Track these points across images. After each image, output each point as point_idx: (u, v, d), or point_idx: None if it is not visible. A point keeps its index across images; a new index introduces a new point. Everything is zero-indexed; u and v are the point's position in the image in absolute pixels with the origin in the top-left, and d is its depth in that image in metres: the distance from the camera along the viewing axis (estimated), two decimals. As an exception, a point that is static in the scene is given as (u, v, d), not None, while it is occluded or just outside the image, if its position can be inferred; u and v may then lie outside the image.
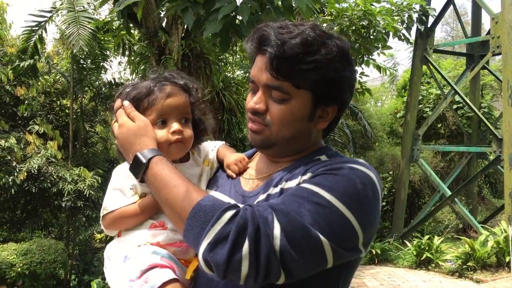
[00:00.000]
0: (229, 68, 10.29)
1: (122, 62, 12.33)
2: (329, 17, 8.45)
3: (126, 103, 1.27)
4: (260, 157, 1.37)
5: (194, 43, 6.59)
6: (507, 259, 7.53)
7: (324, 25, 8.37)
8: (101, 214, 1.28)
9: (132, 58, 7.51)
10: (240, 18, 3.66)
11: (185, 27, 6.56)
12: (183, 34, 6.75)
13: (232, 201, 1.26)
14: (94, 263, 10.71)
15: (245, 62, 11.05)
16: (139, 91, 1.28)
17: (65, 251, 9.22)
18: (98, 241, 13.40)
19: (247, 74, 10.01)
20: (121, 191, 1.28)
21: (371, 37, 8.32)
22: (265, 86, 1.18)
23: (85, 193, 9.09)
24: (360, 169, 1.13)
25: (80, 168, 9.43)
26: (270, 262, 0.98)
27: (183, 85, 1.32)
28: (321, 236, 1.01)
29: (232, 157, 1.38)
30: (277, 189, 1.19)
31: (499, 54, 9.12)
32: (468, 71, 11.03)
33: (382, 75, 13.03)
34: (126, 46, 8.74)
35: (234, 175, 1.35)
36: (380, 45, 8.63)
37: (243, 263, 0.97)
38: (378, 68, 9.90)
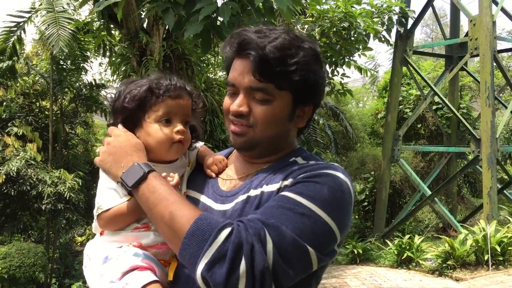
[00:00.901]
0: (211, 69, 10.27)
1: (102, 63, 12.21)
2: (310, 19, 8.50)
3: (121, 126, 1.32)
4: (235, 157, 1.41)
5: (175, 44, 6.55)
6: (485, 258, 7.65)
7: (306, 26, 8.44)
8: (96, 213, 1.27)
9: (113, 59, 7.44)
10: (221, 19, 3.67)
11: (166, 28, 6.53)
12: (164, 35, 6.70)
13: (211, 202, 1.30)
14: (75, 266, 10.59)
15: (227, 63, 11.02)
16: (143, 88, 1.31)
17: (45, 255, 9.10)
18: (79, 244, 13.24)
19: (229, 75, 10.03)
20: (115, 190, 1.27)
21: (352, 38, 8.39)
22: (248, 88, 1.22)
23: (65, 195, 8.99)
24: (337, 176, 1.19)
25: (60, 171, 9.33)
26: (264, 278, 1.02)
27: (189, 91, 1.37)
28: (308, 247, 1.07)
29: (212, 158, 1.41)
30: (258, 192, 1.23)
31: (477, 55, 9.29)
32: (447, 72, 11.19)
33: (363, 76, 13.15)
34: (107, 47, 8.66)
35: (214, 176, 1.38)
36: (361, 47, 8.71)
37: (240, 281, 1.00)
38: (359, 69, 9.99)
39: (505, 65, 14.38)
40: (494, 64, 9.11)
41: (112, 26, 6.69)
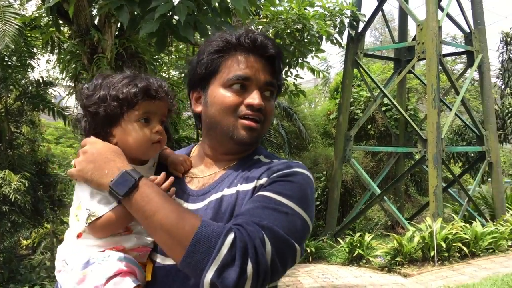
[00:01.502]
0: (164, 68, 10.14)
1: (50, 60, 11.79)
2: (265, 20, 8.54)
3: (93, 138, 1.28)
4: (198, 156, 1.43)
5: (128, 42, 6.42)
6: (432, 254, 7.96)
7: (260, 27, 8.48)
8: (87, 221, 1.20)
9: (62, 56, 7.20)
10: (177, 18, 3.62)
11: (119, 25, 6.39)
12: (116, 33, 6.56)
13: (181, 201, 1.30)
14: (20, 271, 10.19)
15: (180, 63, 10.92)
16: (129, 85, 1.28)
17: (-11, 259, 8.71)
18: (24, 247, 12.76)
19: (183, 75, 9.86)
20: (104, 196, 1.22)
21: (305, 40, 8.50)
22: (264, 84, 1.30)
23: (10, 197, 8.62)
24: (304, 173, 1.29)
25: (5, 171, 8.94)
26: (266, 277, 1.08)
27: (167, 91, 1.35)
28: (296, 245, 1.15)
29: (176, 157, 1.40)
30: (233, 191, 1.26)
31: (424, 59, 9.63)
32: (396, 75, 11.53)
33: (315, 78, 13.35)
34: (55, 43, 8.37)
35: (181, 175, 1.37)
36: (314, 48, 8.83)
37: (247, 283, 1.06)
38: (312, 70, 10.12)
39: (449, 69, 15.00)
40: (440, 67, 9.47)
41: (61, 22, 6.47)
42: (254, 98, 1.28)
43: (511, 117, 17.84)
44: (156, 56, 8.39)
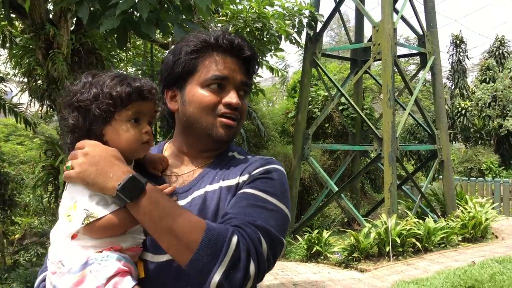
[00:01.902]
0: (122, 65, 9.95)
1: (1, 55, 11.32)
2: (224, 18, 8.53)
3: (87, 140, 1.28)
4: (173, 154, 1.45)
5: (85, 37, 6.28)
6: (387, 249, 8.20)
7: (220, 25, 8.47)
8: (84, 222, 1.17)
9: (15, 51, 6.95)
10: (138, 14, 3.56)
11: (75, 20, 6.23)
12: (72, 28, 6.39)
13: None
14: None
15: (137, 59, 10.76)
16: (123, 84, 1.28)
17: None
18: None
19: (140, 72, 9.70)
20: (103, 197, 1.21)
21: (265, 39, 8.55)
22: (241, 83, 1.36)
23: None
24: (280, 169, 1.35)
25: (-48, 171, 8.55)
26: (263, 274, 1.18)
27: (154, 92, 1.35)
28: (283, 240, 1.24)
29: (154, 156, 1.41)
30: (216, 187, 1.31)
31: (380, 60, 9.86)
32: (352, 75, 11.77)
33: (273, 76, 13.43)
34: (7, 37, 8.06)
35: (160, 174, 1.39)
36: (273, 47, 8.89)
37: (250, 282, 1.14)
38: (271, 69, 10.19)
39: (403, 69, 15.44)
40: (395, 68, 9.73)
41: (14, 16, 6.24)
42: (232, 97, 1.33)
43: (460, 117, 18.59)
44: (113, 53, 8.23)
